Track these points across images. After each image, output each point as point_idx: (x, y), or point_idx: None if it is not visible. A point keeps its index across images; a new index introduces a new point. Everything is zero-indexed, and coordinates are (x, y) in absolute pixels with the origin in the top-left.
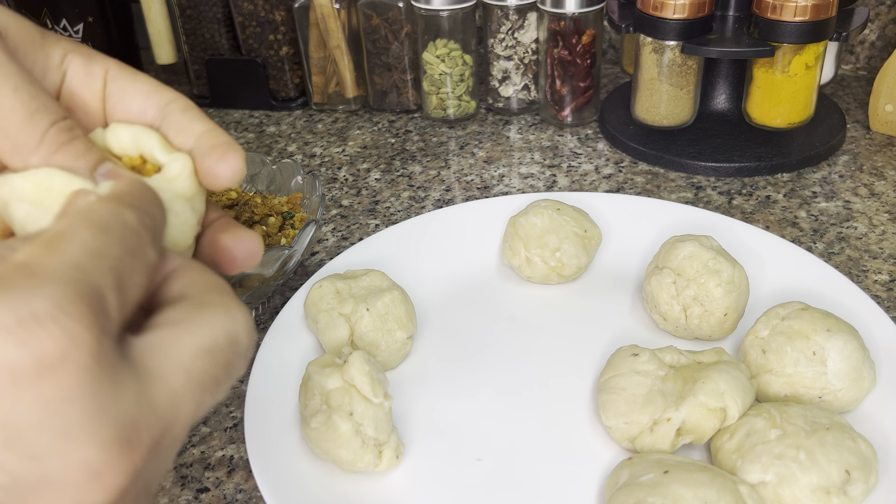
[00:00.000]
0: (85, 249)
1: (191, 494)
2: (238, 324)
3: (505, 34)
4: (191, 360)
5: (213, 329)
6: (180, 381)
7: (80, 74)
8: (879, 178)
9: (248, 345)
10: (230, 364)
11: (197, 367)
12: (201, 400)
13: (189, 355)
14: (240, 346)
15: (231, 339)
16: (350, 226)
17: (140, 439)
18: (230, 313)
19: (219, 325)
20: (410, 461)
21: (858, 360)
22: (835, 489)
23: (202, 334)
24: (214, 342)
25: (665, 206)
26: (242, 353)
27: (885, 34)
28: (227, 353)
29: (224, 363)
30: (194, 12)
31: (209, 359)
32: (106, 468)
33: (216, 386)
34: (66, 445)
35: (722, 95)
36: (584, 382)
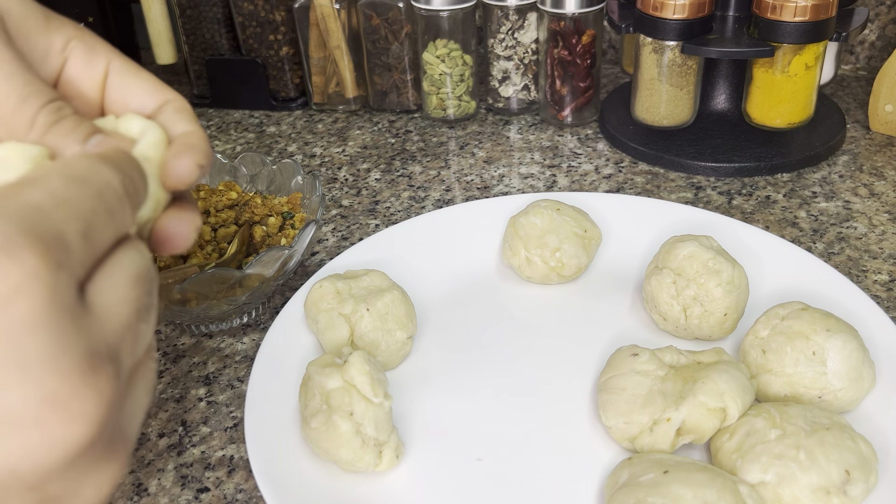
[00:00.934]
0: (51, 195)
1: (191, 494)
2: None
3: (505, 34)
4: (127, 292)
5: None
6: (125, 313)
7: (80, 63)
8: (879, 178)
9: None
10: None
11: (133, 298)
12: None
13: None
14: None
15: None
16: (350, 226)
17: (105, 367)
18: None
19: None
20: (410, 461)
21: (858, 360)
22: (835, 489)
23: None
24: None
25: (665, 206)
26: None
27: (885, 34)
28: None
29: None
30: (194, 12)
31: (140, 288)
32: (70, 397)
33: (147, 313)
34: (23, 378)
35: (722, 95)
36: (584, 382)
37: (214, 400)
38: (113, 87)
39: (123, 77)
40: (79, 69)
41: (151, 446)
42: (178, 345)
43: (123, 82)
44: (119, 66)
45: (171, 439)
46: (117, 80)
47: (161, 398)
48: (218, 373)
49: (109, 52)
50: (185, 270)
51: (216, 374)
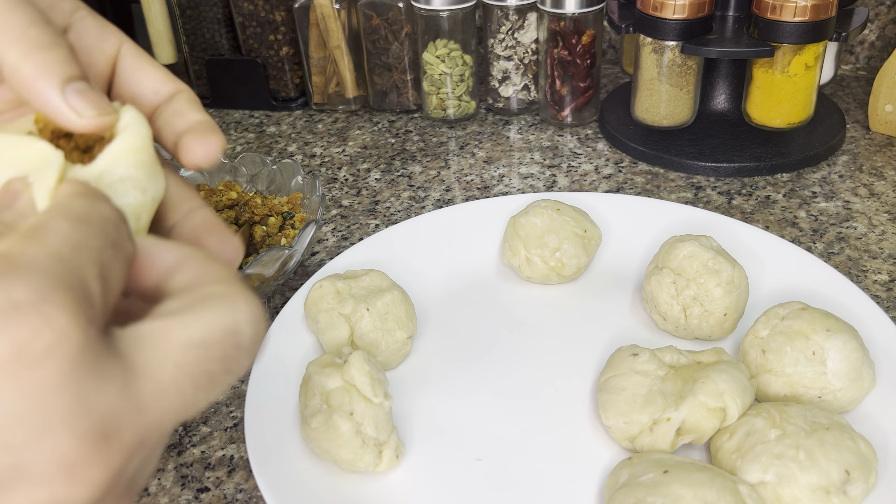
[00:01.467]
0: (66, 240)
1: (191, 494)
2: (240, 314)
3: (505, 34)
4: (181, 354)
5: (207, 320)
6: (168, 376)
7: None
8: (879, 178)
9: (251, 337)
10: (227, 359)
11: (187, 361)
12: (193, 396)
13: (179, 348)
14: (240, 338)
15: (229, 331)
16: (350, 226)
17: (120, 435)
18: (231, 303)
19: (215, 317)
20: (410, 461)
21: (858, 360)
22: (834, 489)
23: (195, 326)
24: (208, 334)
25: (665, 206)
26: (245, 346)
27: (885, 34)
28: (223, 346)
29: (220, 357)
30: (194, 12)
31: (201, 352)
32: (80, 462)
33: (210, 382)
34: (41, 437)
35: (722, 95)
36: (584, 382)
37: (214, 400)
38: (126, 69)
39: (137, 61)
40: (90, 41)
41: None
42: None
43: (137, 66)
44: (132, 50)
45: (171, 439)
46: (131, 62)
47: None
48: None
49: (121, 34)
50: None
51: None
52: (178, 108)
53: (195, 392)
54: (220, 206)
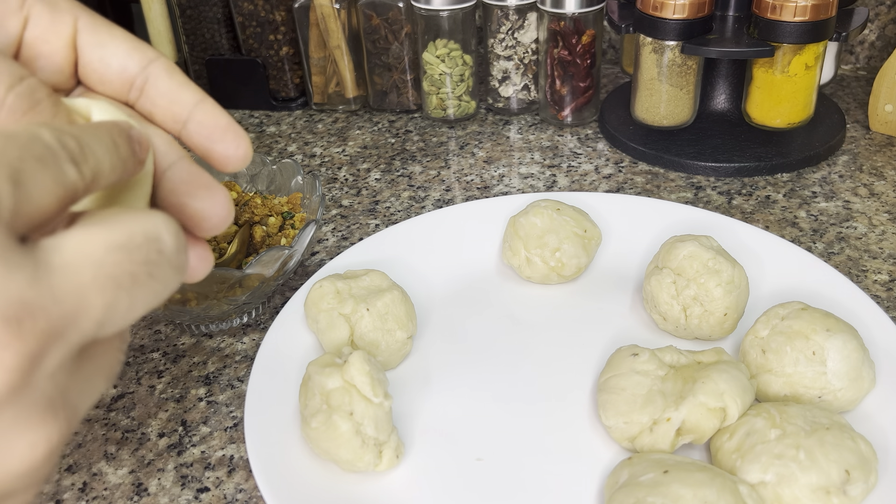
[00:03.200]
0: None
1: (191, 494)
2: (158, 223)
3: (505, 34)
4: (101, 253)
5: (128, 225)
6: (87, 274)
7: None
8: (879, 178)
9: (173, 246)
10: (151, 263)
11: (108, 261)
12: (116, 295)
13: (99, 248)
14: (162, 245)
15: (150, 237)
16: (350, 226)
17: (33, 321)
18: (150, 215)
19: (136, 223)
20: (410, 461)
21: (858, 360)
22: (834, 489)
23: (116, 230)
24: (130, 238)
25: (665, 206)
26: (167, 254)
27: (885, 34)
28: (145, 250)
29: (142, 261)
30: (194, 12)
31: (123, 254)
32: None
33: (133, 283)
34: None
35: (722, 95)
36: (584, 382)
37: (214, 400)
38: (87, 46)
39: (96, 35)
40: (42, 28)
41: (151, 446)
42: (178, 345)
43: (98, 41)
44: (89, 23)
45: (171, 439)
46: (90, 38)
47: (161, 398)
48: (218, 373)
49: (74, 7)
50: None
51: (216, 374)
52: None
53: (118, 291)
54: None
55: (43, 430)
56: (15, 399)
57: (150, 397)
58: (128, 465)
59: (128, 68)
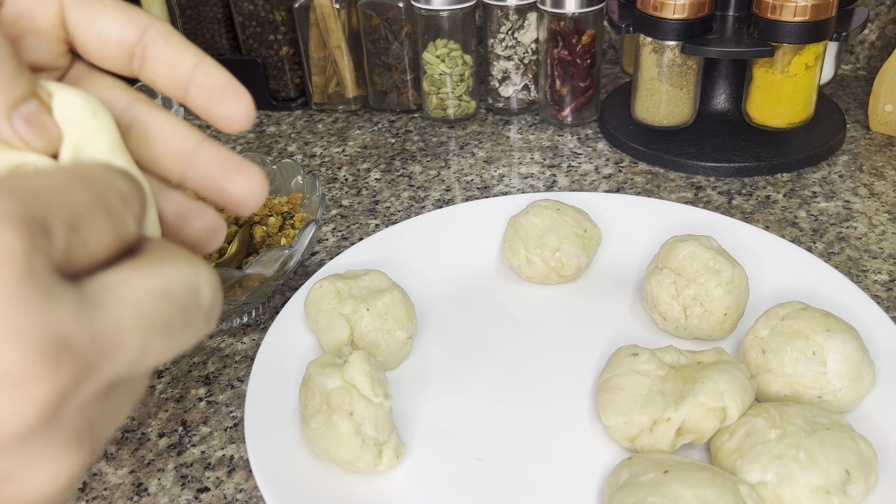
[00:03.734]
0: (50, 183)
1: (191, 494)
2: (200, 276)
3: (505, 34)
4: (143, 297)
5: (171, 274)
6: (128, 315)
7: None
8: (879, 178)
9: (210, 300)
10: (187, 313)
11: (148, 306)
12: (150, 341)
13: (142, 292)
14: (200, 297)
15: (191, 287)
16: (350, 226)
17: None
18: (193, 266)
19: (178, 272)
20: (410, 461)
21: (858, 360)
22: (834, 489)
23: (160, 276)
24: (171, 286)
25: (665, 206)
26: (204, 307)
27: (885, 34)
28: (184, 300)
29: (180, 309)
30: (194, 12)
31: (163, 300)
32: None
33: (168, 330)
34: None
35: (722, 95)
36: (584, 382)
37: (214, 400)
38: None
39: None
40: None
41: (151, 446)
42: None
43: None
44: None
45: (171, 439)
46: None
47: (161, 398)
48: (218, 373)
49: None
50: None
51: (216, 374)
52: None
53: (153, 336)
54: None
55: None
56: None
57: (150, 397)
58: (128, 465)
59: (125, 39)
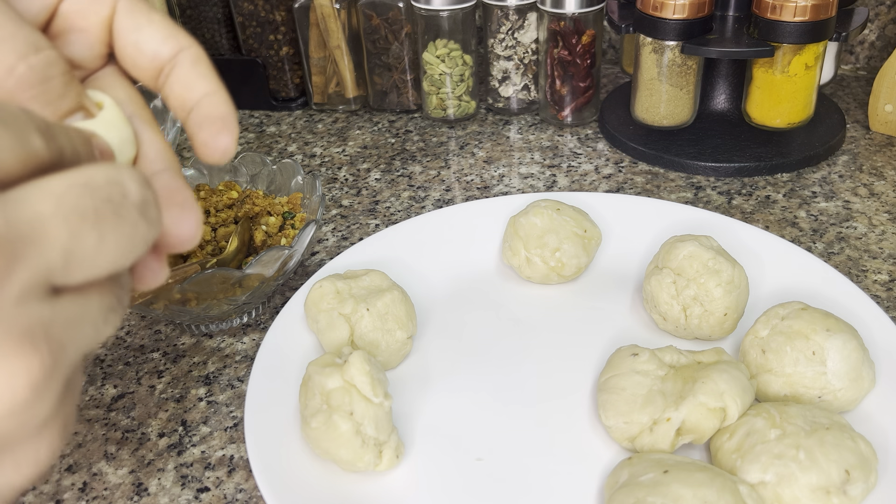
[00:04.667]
0: None
1: (191, 494)
2: (121, 171)
3: (505, 34)
4: (62, 189)
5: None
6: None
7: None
8: (879, 178)
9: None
10: (116, 204)
11: (71, 195)
12: (78, 228)
13: (60, 186)
14: (127, 190)
15: (112, 180)
16: (350, 226)
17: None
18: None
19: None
20: (410, 461)
21: (858, 360)
22: (834, 489)
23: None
24: (90, 178)
25: (665, 206)
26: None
27: (885, 34)
28: (108, 190)
29: (107, 199)
30: (194, 12)
31: (85, 190)
32: None
33: (98, 219)
34: None
35: (722, 95)
36: (583, 382)
37: (214, 400)
38: (124, 29)
39: (135, 18)
40: (81, 4)
41: (151, 446)
42: (178, 345)
43: (136, 24)
44: (129, 6)
45: (171, 439)
46: (128, 22)
47: (161, 398)
48: (218, 373)
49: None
50: (185, 270)
51: (216, 374)
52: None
53: (81, 223)
54: (220, 206)
55: (18, 360)
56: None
57: (150, 397)
58: (128, 465)
59: (160, 55)
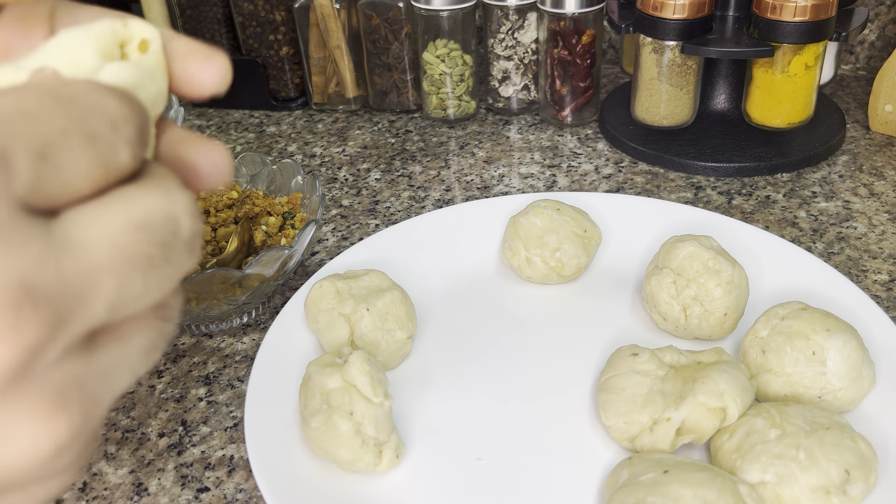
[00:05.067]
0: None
1: (191, 494)
2: (177, 204)
3: (505, 34)
4: (118, 233)
5: (149, 204)
6: (102, 254)
7: None
8: (879, 178)
9: (190, 229)
10: (167, 245)
11: (127, 242)
12: (129, 279)
13: (118, 227)
14: (179, 227)
15: (169, 217)
16: (350, 226)
17: (35, 309)
18: (168, 192)
19: (156, 202)
20: (410, 461)
21: (858, 360)
22: (834, 489)
23: (136, 208)
24: (149, 217)
25: (665, 206)
26: (184, 237)
27: (885, 34)
28: (163, 231)
29: (159, 242)
30: (194, 12)
31: (141, 234)
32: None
33: (148, 266)
34: None
35: (722, 95)
36: (584, 382)
37: (214, 400)
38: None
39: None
40: None
41: (151, 446)
42: (178, 345)
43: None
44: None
45: (171, 439)
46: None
47: (161, 398)
48: (218, 373)
49: None
50: None
51: (216, 374)
52: None
53: (132, 273)
54: (220, 205)
55: (47, 423)
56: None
57: (150, 397)
58: (128, 465)
59: None
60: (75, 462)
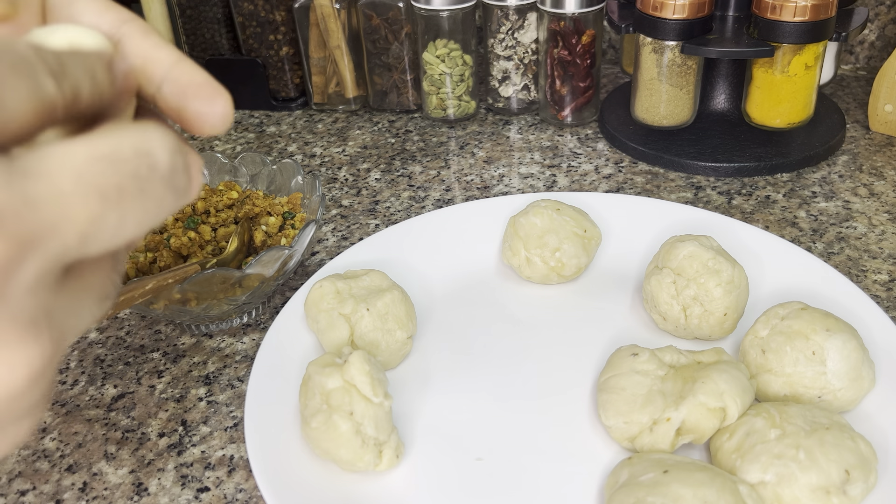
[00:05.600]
0: None
1: (191, 494)
2: (151, 138)
3: (505, 34)
4: (84, 163)
5: (116, 138)
6: (68, 182)
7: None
8: (879, 178)
9: (168, 164)
10: (141, 178)
11: (92, 171)
12: (100, 209)
13: (82, 158)
14: (155, 161)
15: (140, 151)
16: (350, 226)
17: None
18: (141, 128)
19: (123, 135)
20: (410, 461)
21: (858, 360)
22: (834, 489)
23: (102, 141)
24: (116, 150)
25: (665, 206)
26: (161, 171)
27: (885, 34)
28: (134, 163)
29: (131, 174)
30: (194, 12)
31: (108, 165)
32: None
33: (120, 196)
34: None
35: (722, 95)
36: (584, 382)
37: (214, 400)
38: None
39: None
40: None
41: (151, 446)
42: (178, 345)
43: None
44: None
45: (171, 439)
46: None
47: (161, 398)
48: (218, 373)
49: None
50: (185, 270)
51: (216, 374)
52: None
53: (103, 203)
54: (220, 206)
55: (23, 349)
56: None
57: (150, 397)
58: (128, 465)
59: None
60: (40, 403)
